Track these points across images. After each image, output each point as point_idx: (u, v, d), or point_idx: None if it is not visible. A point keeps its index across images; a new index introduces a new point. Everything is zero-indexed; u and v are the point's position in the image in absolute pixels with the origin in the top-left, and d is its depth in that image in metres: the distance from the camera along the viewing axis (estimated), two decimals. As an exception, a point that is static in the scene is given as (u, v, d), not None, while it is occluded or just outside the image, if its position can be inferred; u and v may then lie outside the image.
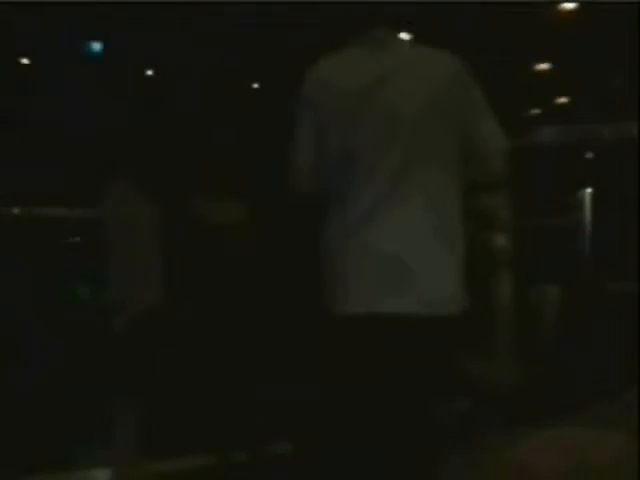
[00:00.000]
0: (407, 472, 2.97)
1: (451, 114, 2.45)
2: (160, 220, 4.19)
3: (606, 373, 5.36)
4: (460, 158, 2.48)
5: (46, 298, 10.02)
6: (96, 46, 9.37)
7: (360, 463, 2.72)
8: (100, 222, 4.21)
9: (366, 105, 2.41)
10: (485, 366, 4.75)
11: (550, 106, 8.38)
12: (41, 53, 8.99)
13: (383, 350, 2.38)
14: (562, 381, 5.62)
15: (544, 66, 7.72)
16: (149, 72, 9.64)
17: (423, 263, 2.37)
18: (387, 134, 2.39)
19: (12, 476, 4.66)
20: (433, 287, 2.36)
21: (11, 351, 8.08)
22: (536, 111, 8.56)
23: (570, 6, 7.48)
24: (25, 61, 9.73)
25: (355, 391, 2.47)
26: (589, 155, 8.09)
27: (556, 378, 5.63)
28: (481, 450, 3.59)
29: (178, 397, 4.43)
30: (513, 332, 4.99)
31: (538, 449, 3.62)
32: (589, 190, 7.44)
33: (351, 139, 2.42)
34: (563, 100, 8.43)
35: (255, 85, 9.35)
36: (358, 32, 2.53)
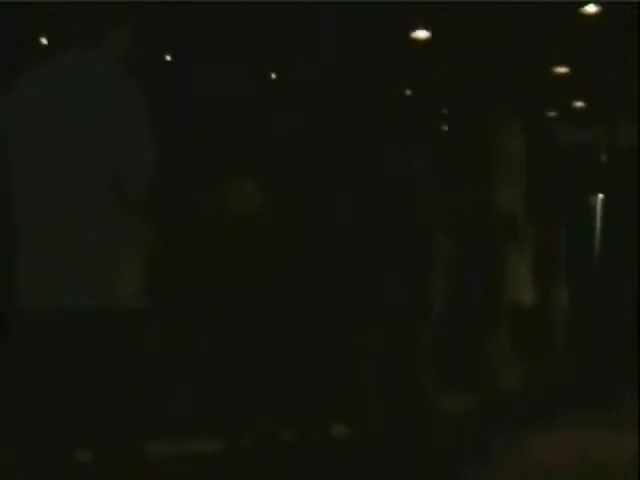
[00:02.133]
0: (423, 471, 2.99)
1: None
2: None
3: (611, 374, 5.39)
4: None
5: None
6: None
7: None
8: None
9: None
10: (493, 365, 4.77)
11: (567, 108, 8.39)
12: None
13: None
14: (570, 379, 5.62)
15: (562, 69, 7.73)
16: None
17: None
18: None
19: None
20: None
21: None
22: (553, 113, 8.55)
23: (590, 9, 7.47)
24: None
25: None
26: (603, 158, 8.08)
27: (563, 377, 5.64)
28: (493, 449, 3.60)
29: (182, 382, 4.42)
30: (522, 333, 5.02)
31: (548, 448, 3.64)
32: (601, 195, 7.44)
33: None
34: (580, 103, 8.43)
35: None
36: None
